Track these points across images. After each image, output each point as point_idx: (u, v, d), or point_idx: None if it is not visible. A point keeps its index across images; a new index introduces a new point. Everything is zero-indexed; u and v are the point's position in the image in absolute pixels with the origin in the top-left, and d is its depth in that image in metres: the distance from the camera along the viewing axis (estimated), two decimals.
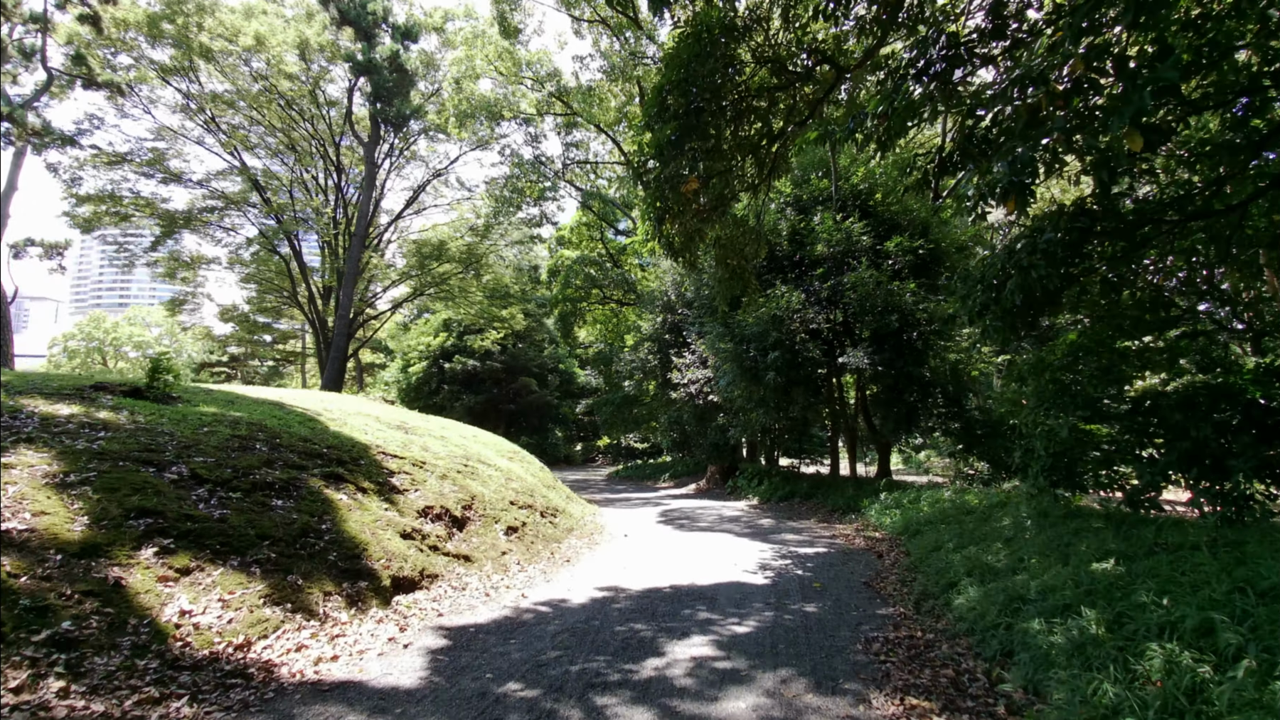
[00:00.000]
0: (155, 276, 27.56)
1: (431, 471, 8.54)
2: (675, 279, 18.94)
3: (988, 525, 7.17)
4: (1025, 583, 4.62)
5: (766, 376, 13.34)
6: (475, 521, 8.02)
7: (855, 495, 13.51)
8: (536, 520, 9.54)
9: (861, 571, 7.51)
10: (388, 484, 7.31)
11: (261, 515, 5.29)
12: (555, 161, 27.74)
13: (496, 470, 10.67)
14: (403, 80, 21.47)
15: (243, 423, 6.94)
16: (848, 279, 13.25)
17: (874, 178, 15.05)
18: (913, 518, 9.34)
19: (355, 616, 4.95)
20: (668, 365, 19.14)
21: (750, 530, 11.30)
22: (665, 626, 5.30)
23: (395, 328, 47.06)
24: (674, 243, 8.56)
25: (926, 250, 13.96)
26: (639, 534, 11.07)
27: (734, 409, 16.12)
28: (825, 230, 14.17)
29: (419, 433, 11.03)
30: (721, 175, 8.32)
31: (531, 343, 43.68)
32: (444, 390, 40.43)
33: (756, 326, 13.45)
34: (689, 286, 17.13)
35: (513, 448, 15.63)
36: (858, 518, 11.99)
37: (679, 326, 19.72)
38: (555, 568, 7.86)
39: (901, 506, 10.54)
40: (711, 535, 10.74)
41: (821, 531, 11.04)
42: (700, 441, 20.42)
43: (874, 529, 10.55)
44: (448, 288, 27.02)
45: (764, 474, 17.80)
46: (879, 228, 14.40)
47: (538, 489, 11.35)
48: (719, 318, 14.82)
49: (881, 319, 12.82)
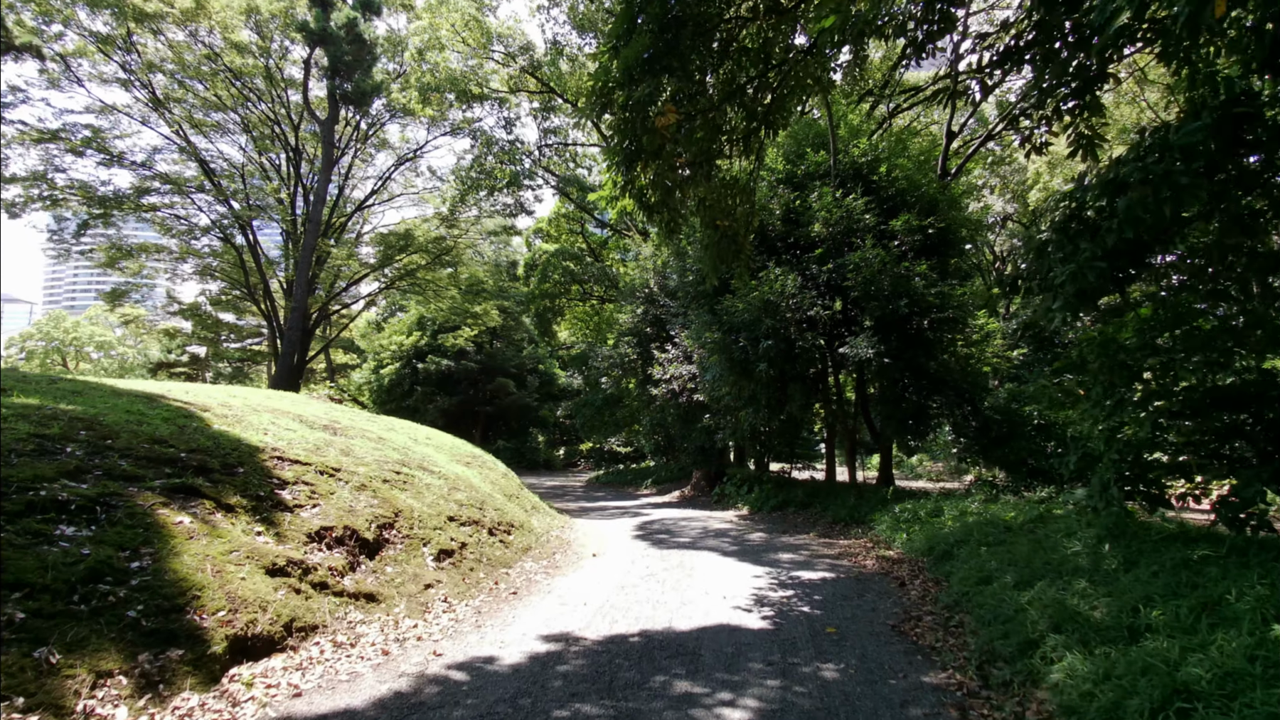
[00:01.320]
0: (96, 267, 25.40)
1: (346, 481, 6.81)
2: (657, 266, 17.32)
3: (1047, 549, 5.59)
4: (1167, 653, 3.02)
5: (758, 369, 11.75)
6: (395, 545, 6.30)
7: (858, 505, 11.95)
8: (482, 540, 7.83)
9: (885, 609, 5.90)
10: (271, 498, 5.58)
11: (25, 551, 3.56)
12: (532, 149, 26.07)
13: (440, 478, 8.95)
14: (361, 52, 19.73)
15: (63, 418, 5.18)
16: (850, 259, 11.72)
17: (876, 150, 13.57)
18: (937, 535, 7.77)
19: (144, 710, 3.23)
20: (648, 361, 17.51)
21: (740, 547, 9.68)
22: (626, 710, 3.65)
23: (367, 327, 44.98)
24: (648, 197, 6.94)
25: (937, 230, 12.47)
26: (611, 552, 9.40)
27: (721, 408, 14.52)
28: (823, 207, 12.64)
29: (348, 433, 9.29)
30: (705, 123, 6.72)
31: (510, 342, 41.85)
32: (417, 392, 38.47)
33: (747, 313, 11.86)
34: (672, 270, 15.52)
35: (473, 452, 13.89)
36: (864, 532, 10.41)
37: (661, 320, 18.11)
38: (496, 605, 6.16)
39: (919, 520, 8.97)
40: (695, 554, 9.09)
41: (823, 549, 9.44)
42: (684, 445, 18.78)
43: (886, 546, 8.96)
44: (417, 281, 25.19)
45: (754, 480, 16.20)
46: (883, 205, 12.89)
47: (491, 500, 9.64)
48: (705, 304, 13.22)
49: (888, 304, 11.29)
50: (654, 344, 17.37)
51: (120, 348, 60.01)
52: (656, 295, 17.98)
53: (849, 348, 11.36)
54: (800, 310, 11.84)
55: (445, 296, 28.31)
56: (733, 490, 16.24)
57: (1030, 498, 9.07)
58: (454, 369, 37.66)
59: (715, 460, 18.77)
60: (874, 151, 13.49)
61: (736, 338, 12.29)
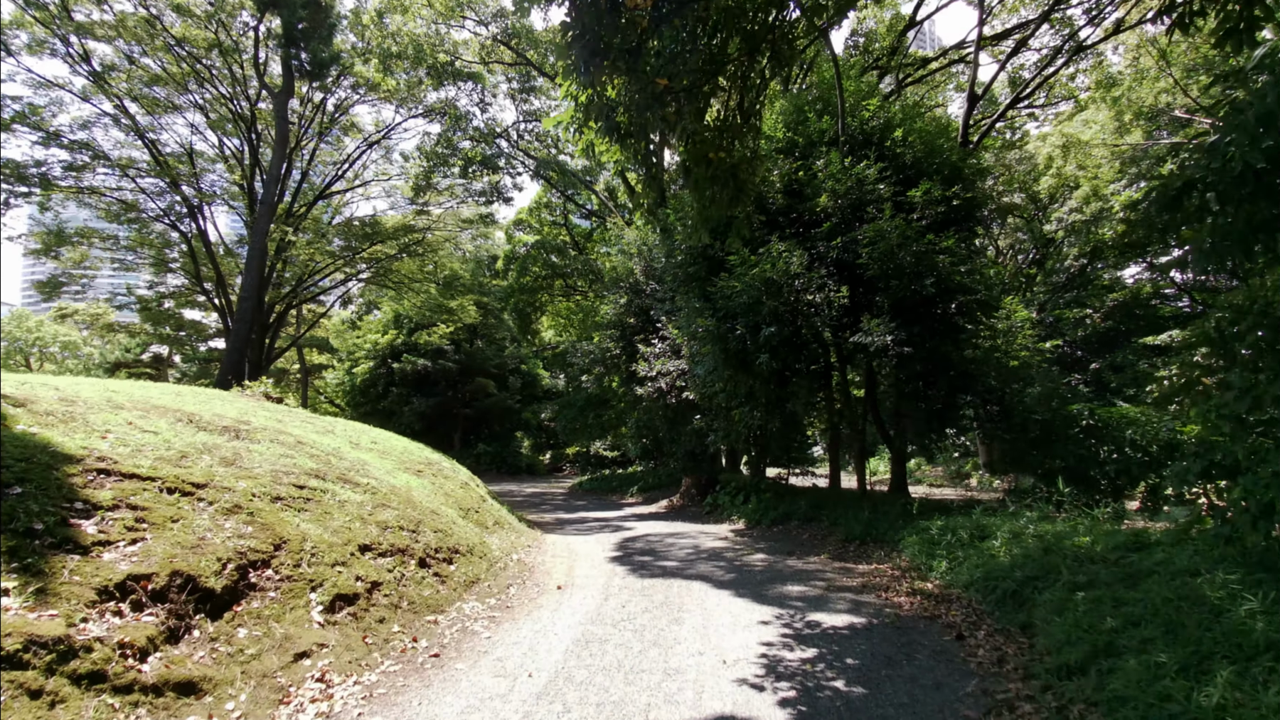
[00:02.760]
0: (29, 255, 23.25)
1: (211, 502, 5.00)
2: (642, 249, 15.58)
3: (1185, 600, 3.89)
4: None
5: (758, 361, 10.03)
6: (264, 593, 4.50)
7: (874, 519, 10.26)
8: (407, 575, 6.03)
9: (953, 684, 4.17)
10: (56, 533, 3.76)
11: None
12: (509, 129, 24.27)
13: (366, 492, 7.14)
14: (318, 18, 17.91)
15: None
16: (864, 232, 10.04)
17: (889, 113, 11.93)
18: (993, 566, 6.06)
19: None
20: (633, 356, 15.75)
21: (739, 575, 7.93)
22: None
23: (341, 325, 42.88)
24: (618, 121, 5.19)
25: (963, 201, 10.85)
26: (581, 583, 7.62)
27: (714, 407, 12.80)
28: (832, 175, 10.98)
29: (255, 436, 7.46)
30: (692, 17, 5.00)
31: (491, 340, 39.94)
32: (393, 393, 36.47)
33: (746, 295, 10.14)
34: (658, 251, 13.80)
35: (429, 458, 12.07)
36: (887, 554, 8.70)
37: (646, 312, 16.38)
38: (401, 680, 4.37)
39: (961, 543, 7.26)
40: (684, 586, 7.34)
41: (840, 578, 7.71)
42: (673, 449, 17.03)
43: (920, 576, 7.25)
44: (385, 272, 23.29)
45: (750, 488, 14.47)
46: (899, 174, 11.25)
47: (434, 518, 7.83)
48: (696, 288, 11.50)
49: (910, 284, 9.62)
50: (639, 337, 15.62)
51: (87, 348, 57.53)
52: (642, 284, 16.25)
53: (863, 335, 9.68)
54: (807, 292, 10.15)
55: (419, 292, 26.43)
56: (726, 500, 14.50)
57: (1095, 514, 7.39)
58: (430, 369, 35.71)
59: (707, 466, 17.03)
60: (886, 113, 11.84)
61: (733, 325, 10.58)
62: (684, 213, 12.17)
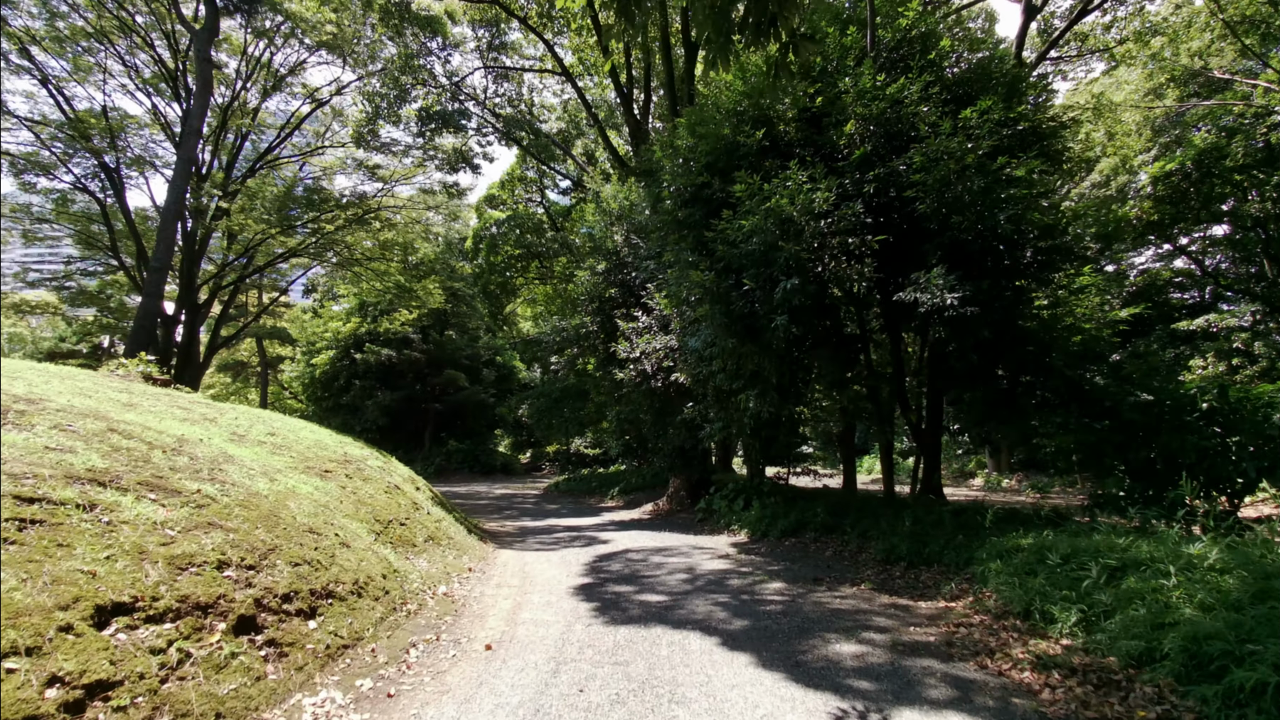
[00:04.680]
0: None
1: None
2: (623, 205, 13.07)
3: None
4: None
5: (772, 325, 7.60)
6: None
7: (918, 532, 7.89)
8: (198, 654, 3.48)
9: None
10: None
11: None
12: (476, 89, 21.63)
13: (184, 507, 4.58)
14: None
15: None
16: (912, 157, 7.66)
17: (929, 23, 9.56)
18: (1197, 627, 3.64)
19: None
20: (612, 334, 13.26)
21: (754, 622, 5.50)
22: None
23: (302, 314, 39.84)
24: None
25: (1029, 126, 8.52)
26: (521, 639, 5.12)
27: (709, 392, 10.36)
28: (861, 96, 8.60)
29: (27, 422, 4.88)
30: None
31: (463, 330, 37.21)
32: (355, 386, 33.62)
33: (757, 239, 7.69)
34: (643, 202, 11.32)
35: (349, 455, 9.49)
36: (955, 583, 6.31)
37: (629, 283, 13.90)
38: None
39: (1096, 583, 4.82)
40: (675, 644, 4.89)
41: (906, 626, 5.30)
42: (659, 445, 14.55)
43: (1032, 627, 4.85)
44: (332, 245, 20.55)
45: (751, 491, 12.07)
46: (945, 93, 8.90)
47: (298, 543, 5.26)
48: (690, 235, 9.04)
49: (977, 222, 7.25)
50: (619, 312, 13.13)
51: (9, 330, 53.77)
52: (623, 253, 13.73)
53: (914, 292, 7.29)
54: (835, 235, 7.73)
55: (378, 273, 23.67)
56: (723, 505, 12.07)
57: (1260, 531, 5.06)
58: (395, 359, 32.93)
59: (699, 464, 14.59)
60: (927, 22, 9.48)
61: (737, 281, 8.14)
62: (674, 146, 9.71)
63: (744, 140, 8.88)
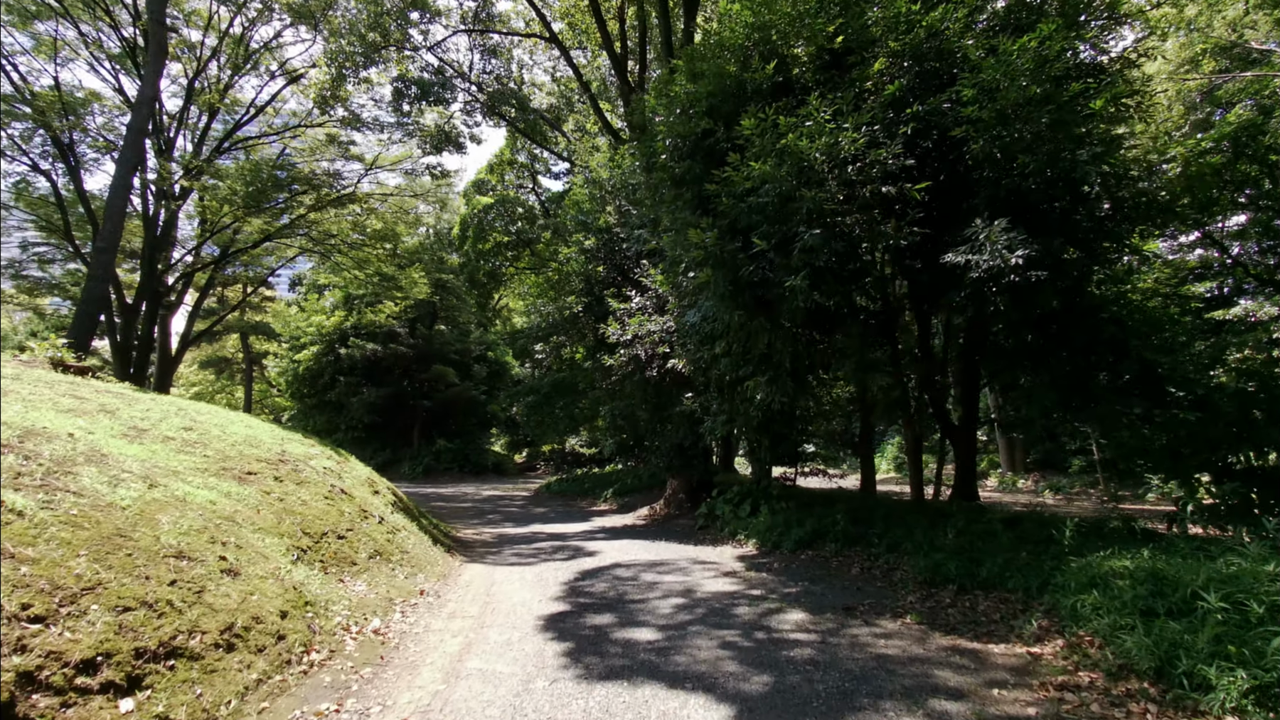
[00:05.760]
0: None
1: None
2: (615, 171, 11.64)
3: None
4: None
5: (787, 286, 6.16)
6: None
7: (966, 546, 6.48)
8: None
9: None
10: None
11: None
12: (460, 62, 20.18)
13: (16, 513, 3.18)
14: None
15: None
16: (963, 87, 6.24)
17: None
18: None
19: None
20: (602, 317, 11.82)
21: (777, 678, 4.07)
22: None
23: (286, 307, 38.35)
24: None
25: (1090, 61, 7.11)
26: (456, 707, 3.70)
27: (711, 380, 8.93)
28: (897, 21, 7.18)
29: None
30: None
31: (453, 324, 35.79)
32: (340, 383, 32.12)
33: (771, 188, 6.26)
34: (637, 163, 9.88)
35: (287, 454, 8.06)
36: (1030, 617, 4.88)
37: (621, 263, 12.47)
38: None
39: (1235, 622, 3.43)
40: (663, 710, 3.48)
41: (983, 685, 3.87)
42: (656, 443, 13.11)
43: (1184, 705, 3.43)
44: (299, 223, 19.09)
45: (758, 495, 10.65)
46: (994, 21, 7.49)
47: (144, 575, 3.85)
48: (689, 192, 7.59)
49: (1048, 165, 5.84)
50: (609, 291, 11.69)
51: None
52: (613, 225, 12.29)
53: (968, 251, 5.87)
54: (868, 183, 6.30)
55: (355, 258, 22.21)
56: (727, 510, 10.65)
57: None
58: (381, 354, 31.47)
59: (700, 464, 13.15)
60: None
61: (745, 241, 6.72)
62: (670, 95, 8.27)
63: (753, 77, 7.45)
